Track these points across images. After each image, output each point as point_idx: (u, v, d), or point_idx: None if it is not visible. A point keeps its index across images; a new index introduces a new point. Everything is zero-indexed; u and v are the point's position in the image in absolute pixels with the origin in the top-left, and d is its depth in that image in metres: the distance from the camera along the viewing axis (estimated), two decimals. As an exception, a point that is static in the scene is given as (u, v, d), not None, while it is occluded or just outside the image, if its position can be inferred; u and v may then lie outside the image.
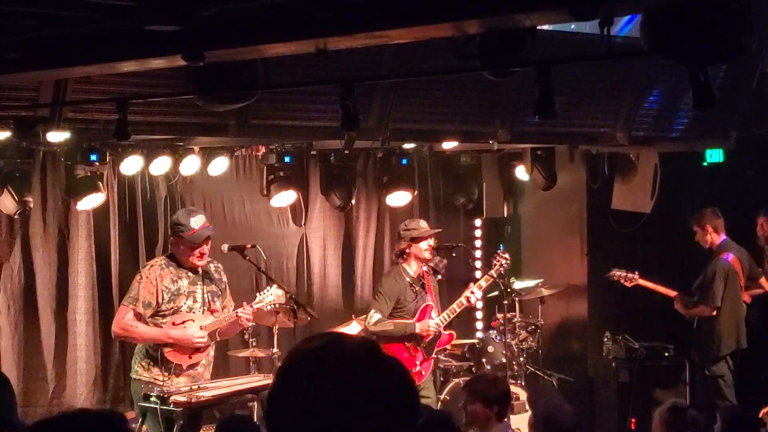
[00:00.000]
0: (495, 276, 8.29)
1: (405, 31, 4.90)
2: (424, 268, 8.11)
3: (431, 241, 8.03)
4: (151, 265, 6.96)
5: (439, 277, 8.35)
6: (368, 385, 1.78)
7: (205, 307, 6.90)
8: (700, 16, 4.27)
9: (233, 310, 6.97)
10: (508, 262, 8.38)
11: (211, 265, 7.07)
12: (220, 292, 7.01)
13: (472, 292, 8.08)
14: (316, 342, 1.86)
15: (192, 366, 6.83)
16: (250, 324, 7.00)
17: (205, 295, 6.92)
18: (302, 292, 9.31)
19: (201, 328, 6.80)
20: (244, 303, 7.00)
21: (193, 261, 6.85)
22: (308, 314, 7.63)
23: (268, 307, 7.20)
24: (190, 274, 6.88)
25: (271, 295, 7.12)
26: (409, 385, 1.84)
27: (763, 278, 9.29)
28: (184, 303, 6.82)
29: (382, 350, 1.86)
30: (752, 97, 9.43)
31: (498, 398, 5.94)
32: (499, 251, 8.59)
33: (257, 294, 7.27)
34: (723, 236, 9.07)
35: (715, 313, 8.91)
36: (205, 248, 6.88)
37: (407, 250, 7.97)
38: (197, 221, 6.87)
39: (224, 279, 7.11)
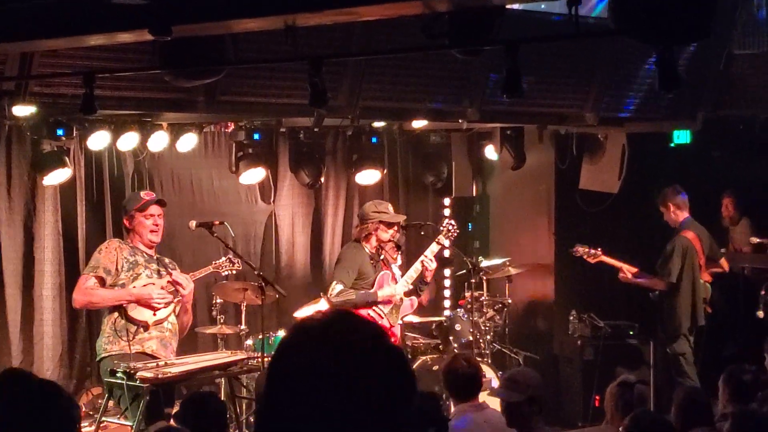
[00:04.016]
0: (444, 240, 8.28)
1: (374, 8, 4.90)
2: (397, 250, 8.12)
3: (396, 228, 8.00)
4: (110, 240, 7.19)
5: (399, 252, 8.32)
6: (375, 364, 1.78)
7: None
8: (667, -3, 4.31)
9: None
10: (454, 227, 8.39)
11: (166, 258, 7.20)
12: None
13: (425, 256, 8.03)
14: (323, 317, 1.86)
15: (158, 323, 6.84)
16: (188, 290, 6.98)
17: (162, 274, 7.00)
18: (270, 270, 9.30)
19: (162, 288, 6.87)
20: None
21: (149, 237, 6.91)
22: (276, 291, 7.66)
23: (225, 272, 7.50)
24: (145, 254, 6.95)
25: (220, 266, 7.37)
26: (410, 369, 1.85)
27: (723, 259, 9.38)
28: (143, 272, 6.88)
29: (388, 334, 1.88)
30: (719, 79, 9.50)
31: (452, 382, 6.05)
32: (447, 219, 8.69)
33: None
34: (686, 214, 9.13)
35: (665, 287, 8.97)
36: (158, 220, 6.94)
37: (373, 232, 7.93)
38: (145, 194, 7.11)
39: (179, 272, 7.18)
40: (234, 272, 7.69)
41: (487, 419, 5.90)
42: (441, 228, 8.41)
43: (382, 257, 7.99)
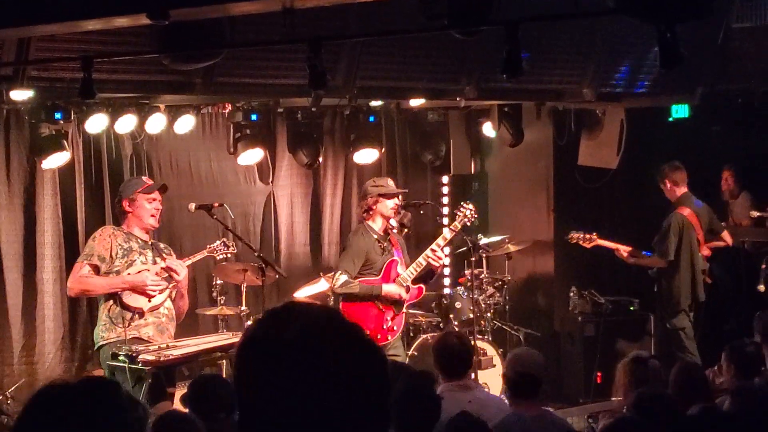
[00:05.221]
0: (459, 227, 8.08)
1: (372, -11, 4.89)
2: (393, 222, 7.96)
3: (397, 200, 7.87)
4: (103, 228, 7.14)
5: (406, 230, 8.26)
6: (331, 350, 1.76)
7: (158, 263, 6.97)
8: (667, -25, 4.29)
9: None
10: (472, 212, 8.10)
11: (161, 243, 7.18)
12: None
13: (438, 245, 7.88)
14: (274, 313, 1.84)
15: (153, 310, 6.84)
16: (182, 275, 6.97)
17: (156, 260, 6.99)
18: (270, 250, 9.30)
19: (156, 274, 6.87)
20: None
21: (149, 221, 6.89)
22: (276, 272, 7.67)
23: (220, 256, 7.48)
24: (139, 240, 6.94)
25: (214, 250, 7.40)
26: (371, 346, 1.82)
27: (726, 232, 9.37)
28: (138, 258, 6.87)
29: (343, 316, 1.85)
30: (718, 53, 9.47)
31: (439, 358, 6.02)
32: (463, 203, 8.32)
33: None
34: (683, 189, 9.13)
35: (665, 264, 8.98)
36: (158, 204, 6.92)
37: (373, 207, 7.84)
38: (146, 179, 7.12)
39: (174, 257, 7.18)
40: (229, 255, 7.67)
41: (474, 398, 5.86)
42: (457, 214, 8.11)
43: (388, 238, 7.87)
